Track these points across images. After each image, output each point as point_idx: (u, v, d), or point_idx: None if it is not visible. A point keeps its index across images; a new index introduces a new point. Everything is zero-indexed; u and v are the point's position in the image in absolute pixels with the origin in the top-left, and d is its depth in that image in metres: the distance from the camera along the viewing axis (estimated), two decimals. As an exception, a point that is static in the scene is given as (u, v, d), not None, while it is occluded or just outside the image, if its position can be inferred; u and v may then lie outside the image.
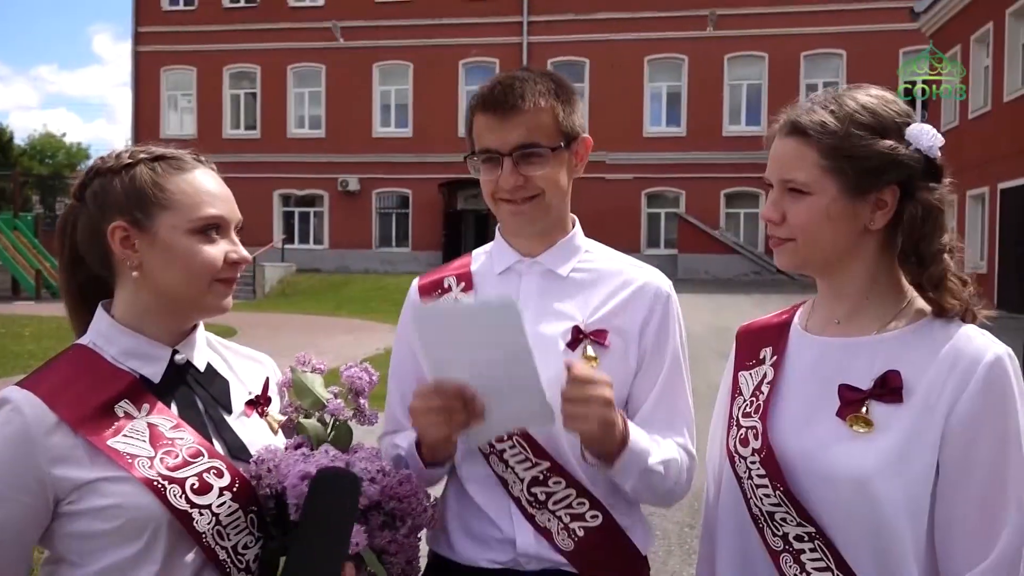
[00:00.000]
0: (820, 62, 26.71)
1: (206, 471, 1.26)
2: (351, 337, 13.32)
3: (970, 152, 18.14)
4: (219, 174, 1.42)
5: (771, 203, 1.35)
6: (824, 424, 1.29)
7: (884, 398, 1.26)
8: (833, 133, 1.27)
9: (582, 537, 1.51)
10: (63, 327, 10.08)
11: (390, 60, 28.81)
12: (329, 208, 29.24)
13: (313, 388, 1.41)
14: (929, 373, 1.24)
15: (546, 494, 1.51)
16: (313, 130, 29.54)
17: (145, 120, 30.22)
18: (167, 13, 30.22)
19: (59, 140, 53.15)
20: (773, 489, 1.30)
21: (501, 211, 1.57)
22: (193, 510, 1.23)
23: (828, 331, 1.37)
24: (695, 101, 27.34)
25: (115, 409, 1.26)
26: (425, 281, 1.70)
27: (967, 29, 19.18)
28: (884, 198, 1.28)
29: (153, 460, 1.23)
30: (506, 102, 1.49)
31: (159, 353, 1.33)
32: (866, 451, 1.24)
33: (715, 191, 27.03)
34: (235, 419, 1.38)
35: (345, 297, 20.83)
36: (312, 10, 29.18)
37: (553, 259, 1.60)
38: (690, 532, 4.81)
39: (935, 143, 1.28)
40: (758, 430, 1.34)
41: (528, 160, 1.50)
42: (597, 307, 1.56)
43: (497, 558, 1.53)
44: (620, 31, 27.04)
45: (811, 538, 1.28)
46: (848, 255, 1.32)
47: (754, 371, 1.44)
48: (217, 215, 1.33)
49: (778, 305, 1.51)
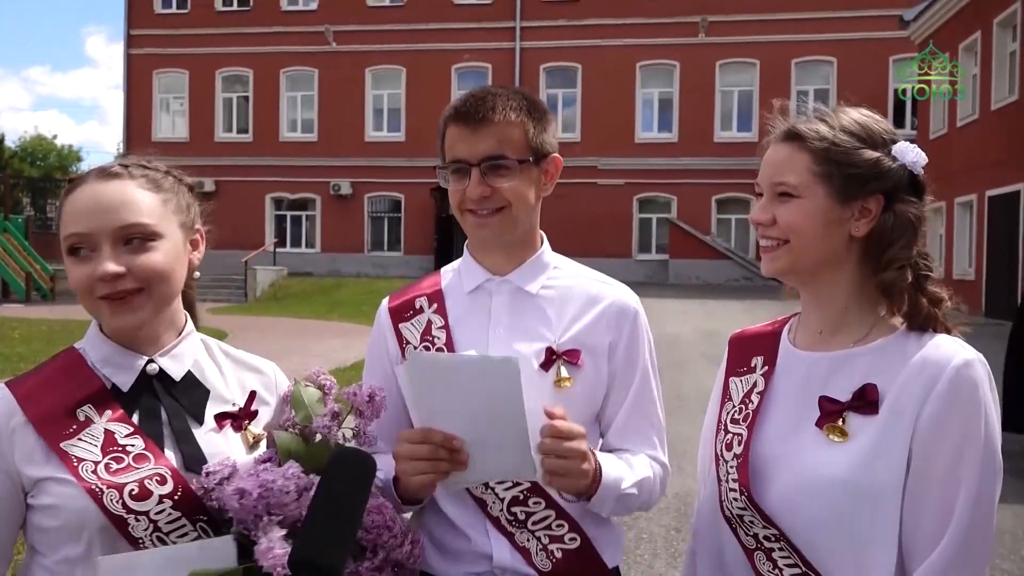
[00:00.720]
0: (811, 69, 26.87)
1: (148, 477, 1.26)
2: (342, 341, 13.31)
3: (958, 159, 18.27)
4: (210, 177, 1.43)
5: (761, 207, 1.40)
6: (803, 434, 1.35)
7: (861, 410, 1.31)
8: (826, 140, 1.34)
9: (559, 559, 1.53)
10: (53, 330, 10.07)
11: (383, 64, 28.84)
12: (321, 212, 29.21)
13: (306, 403, 1.39)
14: (899, 381, 1.30)
15: (526, 514, 1.53)
16: (305, 134, 29.52)
17: (137, 123, 30.16)
18: (160, 16, 30.17)
19: (50, 142, 52.95)
20: (740, 493, 1.36)
21: (467, 223, 1.58)
22: (129, 516, 1.23)
23: (813, 344, 1.42)
24: (687, 107, 27.45)
25: (77, 413, 1.29)
26: (395, 303, 1.69)
27: (956, 38, 19.33)
28: (869, 206, 1.34)
29: (98, 465, 1.25)
30: (477, 113, 1.51)
31: (132, 362, 1.35)
32: (837, 457, 1.30)
33: (706, 197, 27.12)
34: (204, 431, 1.36)
35: (337, 301, 20.79)
36: (305, 14, 29.19)
37: (522, 277, 1.61)
38: (676, 535, 4.84)
39: (919, 160, 1.35)
40: (743, 437, 1.40)
41: (496, 171, 1.52)
42: (568, 326, 1.58)
43: (473, 570, 1.55)
44: (612, 37, 27.14)
45: (776, 539, 1.34)
46: (833, 262, 1.37)
47: (744, 378, 1.49)
48: (76, 232, 1.30)
49: (768, 310, 1.53)
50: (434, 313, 1.63)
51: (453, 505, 1.57)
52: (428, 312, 1.64)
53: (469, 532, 1.55)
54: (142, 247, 1.31)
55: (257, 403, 1.44)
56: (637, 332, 1.62)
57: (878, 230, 1.34)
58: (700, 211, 27.01)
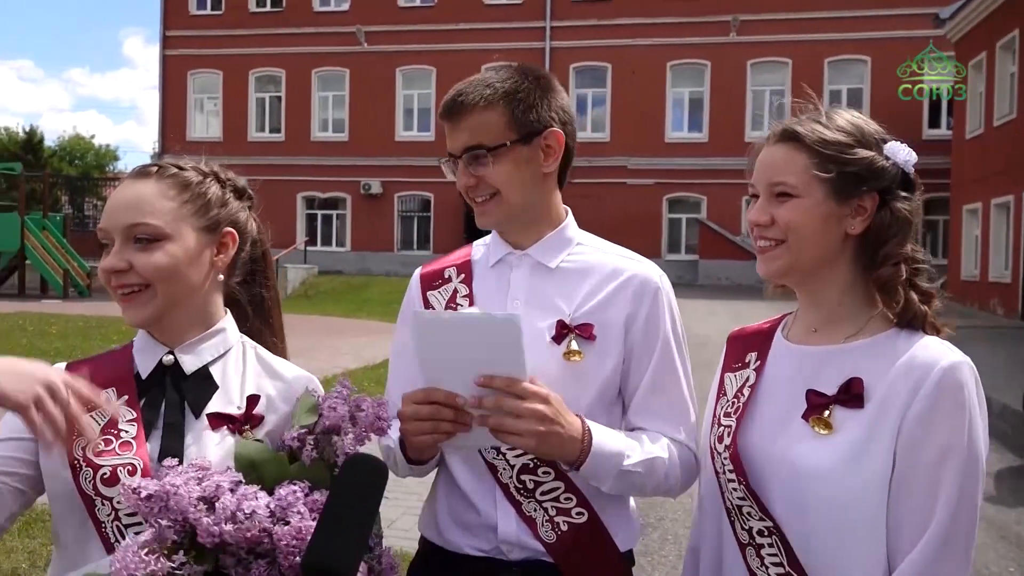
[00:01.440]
0: (844, 68, 26.55)
1: (121, 465, 1.29)
2: (370, 339, 13.41)
3: (995, 160, 17.94)
4: (243, 176, 1.46)
5: (759, 208, 1.42)
6: (792, 426, 1.38)
7: (847, 403, 1.34)
8: (824, 139, 1.38)
9: (565, 532, 1.53)
10: (89, 325, 10.24)
11: (413, 64, 28.99)
12: (351, 211, 29.45)
13: (297, 412, 1.34)
14: (888, 379, 1.33)
15: (534, 483, 1.53)
16: (336, 133, 29.78)
17: (172, 123, 30.63)
18: (195, 17, 30.60)
19: (88, 142, 53.88)
20: (738, 483, 1.40)
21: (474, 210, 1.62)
22: (97, 498, 1.27)
23: (806, 339, 1.46)
24: (717, 107, 27.27)
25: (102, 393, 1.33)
26: (427, 270, 1.74)
27: (993, 36, 18.99)
28: (864, 204, 1.38)
29: (89, 443, 1.29)
30: (452, 106, 1.55)
31: (155, 351, 1.41)
32: (822, 450, 1.33)
33: (736, 197, 26.86)
34: (199, 429, 1.35)
35: (366, 299, 20.95)
36: (336, 15, 29.43)
37: (542, 252, 1.62)
38: (685, 533, 4.78)
39: (910, 159, 1.40)
40: (732, 429, 1.44)
41: (476, 161, 1.54)
42: (584, 300, 1.57)
43: (480, 546, 1.56)
44: (642, 36, 27.04)
45: (770, 533, 1.37)
46: (829, 261, 1.41)
47: (738, 374, 1.52)
48: (100, 228, 1.37)
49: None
50: (460, 283, 1.67)
51: (466, 471, 1.58)
52: (455, 282, 1.67)
53: (478, 503, 1.56)
54: (148, 246, 1.34)
55: (266, 410, 1.40)
56: (657, 306, 1.58)
57: (873, 228, 1.38)
58: (730, 211, 26.80)
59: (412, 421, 1.40)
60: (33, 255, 22.11)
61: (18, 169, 24.02)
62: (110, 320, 14.96)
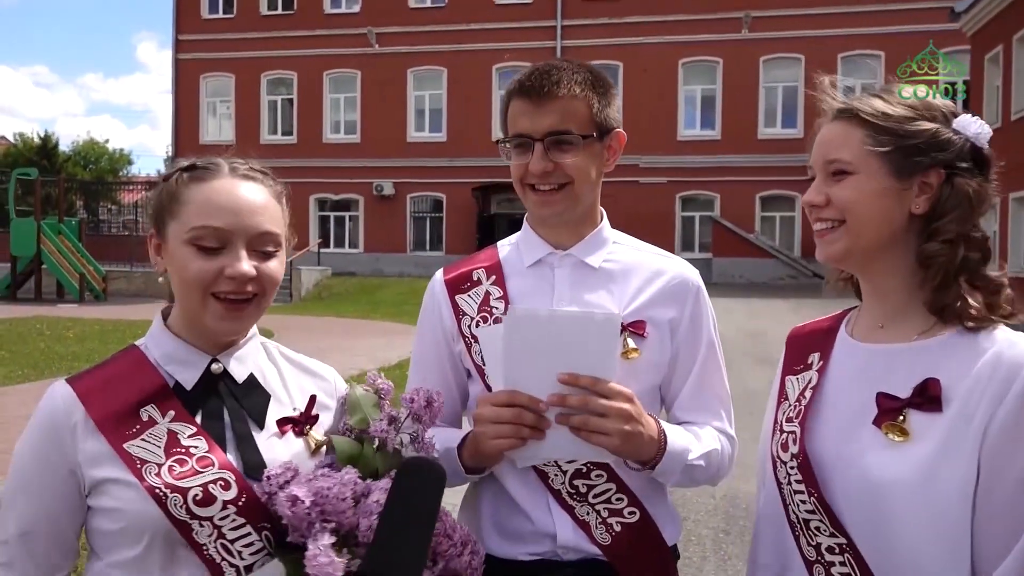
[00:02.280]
0: (858, 63, 26.33)
1: (212, 482, 1.23)
2: (385, 340, 13.44)
3: (1014, 153, 17.74)
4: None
5: (814, 188, 1.33)
6: (862, 432, 1.27)
7: (923, 407, 1.23)
8: (881, 113, 1.28)
9: (619, 532, 1.53)
10: (106, 329, 10.30)
11: (424, 65, 29.02)
12: (364, 212, 29.52)
13: (362, 406, 1.36)
14: (968, 380, 1.21)
15: (587, 487, 1.52)
16: (348, 135, 29.85)
17: (185, 126, 30.80)
18: (207, 21, 30.76)
19: (102, 146, 54.26)
20: (808, 495, 1.29)
21: (528, 199, 1.57)
22: (193, 521, 1.21)
23: (872, 336, 1.35)
24: (730, 104, 27.14)
25: (140, 412, 1.27)
26: (452, 275, 1.68)
27: (1009, 29, 18.80)
28: (928, 180, 1.27)
29: (161, 468, 1.23)
30: (542, 88, 1.50)
31: (197, 360, 1.33)
32: (899, 460, 1.22)
33: (750, 194, 26.79)
34: (265, 436, 1.33)
35: (379, 300, 21.00)
36: (348, 17, 29.51)
37: (585, 251, 1.61)
38: (725, 538, 4.79)
39: (983, 132, 1.28)
40: (796, 435, 1.33)
41: (559, 147, 1.51)
42: (632, 298, 1.58)
43: (535, 550, 1.55)
44: (654, 34, 26.94)
45: (841, 550, 1.26)
46: (891, 244, 1.29)
47: (801, 376, 1.42)
48: (212, 227, 1.27)
49: (814, 308, 1.49)
50: (492, 285, 1.62)
51: (514, 479, 1.55)
52: (486, 284, 1.63)
53: (530, 510, 1.54)
54: (269, 255, 1.32)
55: (318, 408, 1.41)
56: (700, 306, 1.61)
57: (940, 204, 1.26)
58: (744, 209, 26.69)
59: (491, 424, 1.38)
60: (49, 259, 22.27)
61: (34, 175, 24.20)
62: (126, 324, 15.06)
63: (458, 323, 1.62)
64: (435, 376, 1.64)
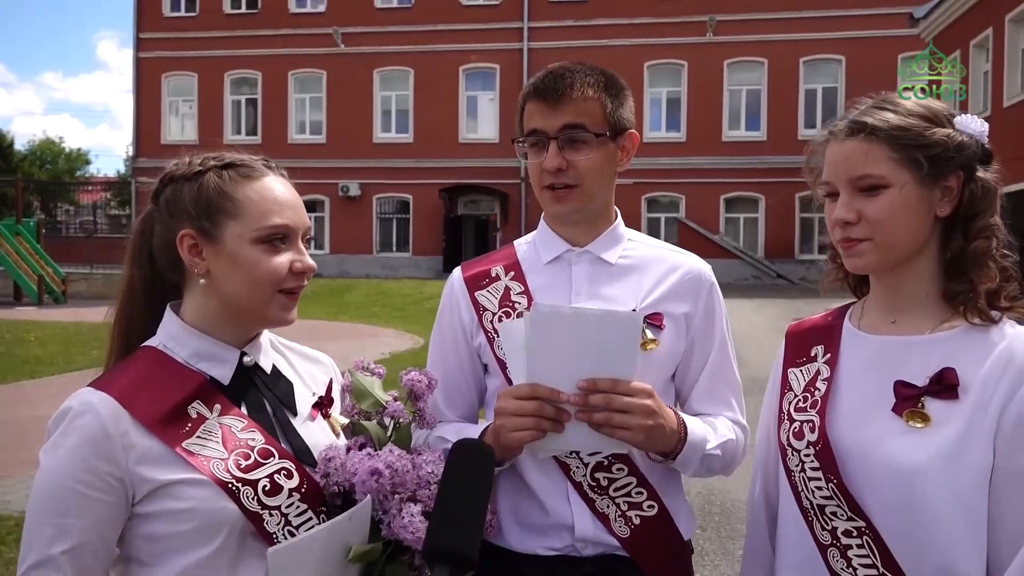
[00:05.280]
0: (819, 67, 26.79)
1: (276, 472, 1.27)
2: (356, 342, 13.33)
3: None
4: None
5: (843, 204, 1.35)
6: (880, 419, 1.32)
7: (940, 395, 1.28)
8: (900, 127, 1.32)
9: (638, 525, 1.56)
10: (67, 332, 10.10)
11: (391, 66, 28.89)
12: (330, 213, 29.29)
13: (372, 391, 1.42)
14: (983, 371, 1.27)
15: (608, 480, 1.56)
16: (314, 136, 29.62)
17: (146, 126, 30.32)
18: (169, 19, 30.32)
19: (59, 146, 53.21)
20: (826, 482, 1.33)
21: (544, 197, 1.62)
22: (264, 511, 1.24)
23: (883, 330, 1.40)
24: (695, 106, 27.42)
25: (188, 410, 1.27)
26: (471, 272, 1.72)
27: (967, 35, 19.24)
28: (950, 184, 1.33)
29: (226, 461, 1.24)
30: (556, 89, 1.55)
31: (228, 355, 1.34)
32: (922, 445, 1.27)
33: (715, 196, 27.08)
34: (300, 422, 1.38)
35: (347, 302, 20.84)
36: (313, 16, 29.28)
37: (601, 247, 1.66)
38: (701, 534, 4.85)
39: (983, 129, 1.36)
40: (815, 423, 1.37)
41: (572, 144, 1.55)
42: (648, 292, 1.63)
43: (554, 545, 1.57)
44: (620, 37, 27.12)
45: (860, 533, 1.30)
46: (920, 249, 1.35)
47: (805, 368, 1.47)
48: (283, 224, 1.31)
49: (781, 309, 1.54)
50: (512, 280, 1.67)
51: (535, 470, 1.58)
52: (505, 280, 1.67)
53: (549, 502, 1.57)
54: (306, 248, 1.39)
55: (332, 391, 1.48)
56: (713, 300, 1.67)
57: (963, 204, 1.33)
58: (708, 211, 26.97)
59: (512, 417, 1.41)
60: (7, 261, 21.77)
61: (-10, 175, 23.64)
62: (88, 326, 14.77)
63: (479, 318, 1.66)
64: (454, 371, 1.68)
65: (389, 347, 12.87)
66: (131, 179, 31.58)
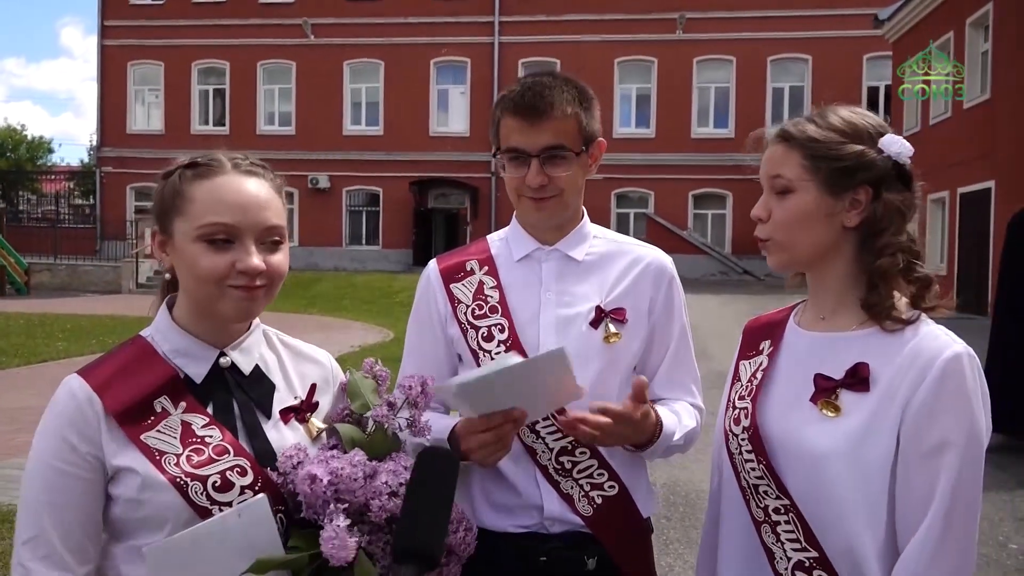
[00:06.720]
0: (786, 66, 27.12)
1: (229, 469, 1.29)
2: (324, 335, 13.27)
3: (931, 157, 18.50)
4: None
5: (760, 202, 1.50)
6: (802, 409, 1.43)
7: (853, 387, 1.39)
8: (813, 138, 1.44)
9: (600, 504, 1.67)
10: (31, 323, 9.98)
11: (361, 58, 28.72)
12: (299, 205, 29.04)
13: (363, 392, 1.43)
14: (893, 367, 1.37)
15: (572, 463, 1.66)
16: (283, 127, 29.35)
17: (111, 115, 29.82)
18: (135, 7, 29.83)
19: (21, 134, 52.07)
20: (757, 463, 1.45)
21: (523, 205, 1.71)
22: (213, 507, 1.26)
23: (815, 326, 1.51)
24: (664, 103, 27.61)
25: (154, 404, 1.31)
26: (447, 264, 1.81)
27: (929, 37, 19.53)
28: (858, 197, 1.43)
29: (180, 457, 1.28)
30: (536, 108, 1.61)
31: (205, 354, 1.38)
32: (831, 432, 1.38)
33: (683, 192, 27.31)
34: (272, 424, 1.39)
35: (316, 294, 20.72)
36: (282, 6, 28.99)
37: (569, 246, 1.76)
38: (666, 524, 4.94)
39: (904, 151, 1.44)
40: (748, 410, 1.49)
41: (553, 162, 1.64)
42: (612, 286, 1.73)
43: (524, 522, 1.67)
44: (590, 33, 27.23)
45: (786, 511, 1.42)
46: (830, 252, 1.46)
47: (752, 360, 1.58)
48: (221, 223, 1.31)
49: (746, 304, 1.60)
50: (485, 275, 1.76)
51: (505, 458, 1.63)
52: (479, 274, 1.77)
53: (519, 484, 1.67)
54: (275, 247, 1.37)
55: (318, 394, 1.47)
56: (673, 290, 1.77)
57: (868, 220, 1.42)
58: (677, 207, 27.20)
59: (481, 449, 1.51)
60: (-34, 251, 21.32)
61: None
62: (52, 317, 14.54)
63: (453, 309, 1.74)
64: (430, 361, 1.75)
65: (358, 340, 12.84)
66: (95, 168, 31.01)
